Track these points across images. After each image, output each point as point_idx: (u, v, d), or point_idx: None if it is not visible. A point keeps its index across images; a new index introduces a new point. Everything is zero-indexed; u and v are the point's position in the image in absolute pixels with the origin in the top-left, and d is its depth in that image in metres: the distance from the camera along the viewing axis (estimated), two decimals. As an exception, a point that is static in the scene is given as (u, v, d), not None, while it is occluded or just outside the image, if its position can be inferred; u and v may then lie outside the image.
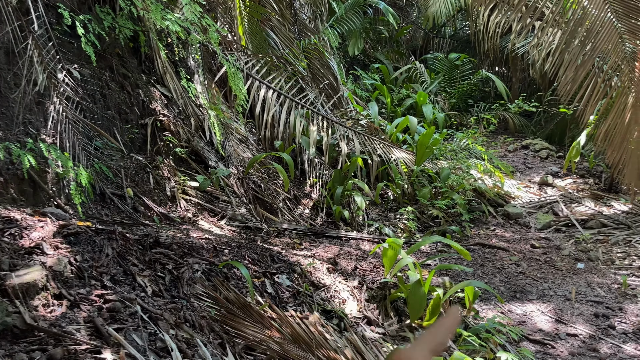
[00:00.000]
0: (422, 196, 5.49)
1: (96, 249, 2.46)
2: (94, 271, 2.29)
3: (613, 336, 3.46)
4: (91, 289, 2.18)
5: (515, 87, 10.58)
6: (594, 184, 6.99)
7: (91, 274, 2.27)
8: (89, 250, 2.43)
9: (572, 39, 5.41)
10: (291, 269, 3.42)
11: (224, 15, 6.51)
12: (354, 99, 8.10)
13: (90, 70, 3.98)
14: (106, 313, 2.05)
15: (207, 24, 4.64)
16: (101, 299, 2.13)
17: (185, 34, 4.77)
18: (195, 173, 4.44)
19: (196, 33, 5.13)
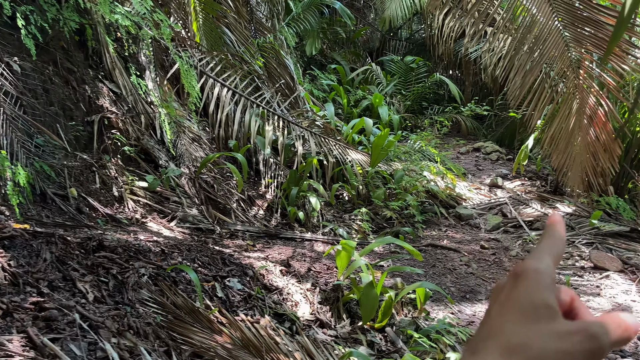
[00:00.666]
0: (376, 197, 5.53)
1: (33, 254, 2.33)
2: (29, 277, 2.17)
3: (556, 335, 3.57)
4: (26, 296, 2.06)
5: (468, 90, 10.84)
6: (541, 186, 7.24)
7: (27, 280, 2.14)
8: (25, 254, 2.30)
9: (521, 46, 5.58)
10: (243, 272, 3.36)
11: (177, 10, 6.35)
12: (311, 99, 8.09)
13: (32, 64, 3.79)
14: (42, 322, 1.94)
15: (159, 18, 4.51)
16: (37, 307, 2.01)
17: (136, 28, 4.62)
18: (144, 173, 4.30)
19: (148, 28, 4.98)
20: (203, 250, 3.40)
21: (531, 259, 0.45)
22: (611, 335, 0.41)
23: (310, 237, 4.79)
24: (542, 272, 0.44)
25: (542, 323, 0.41)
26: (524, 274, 0.44)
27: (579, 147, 5.47)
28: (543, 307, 0.42)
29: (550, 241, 0.47)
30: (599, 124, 5.40)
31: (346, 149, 6.29)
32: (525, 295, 0.43)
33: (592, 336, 0.40)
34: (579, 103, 5.42)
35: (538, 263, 0.45)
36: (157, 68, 5.84)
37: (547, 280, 0.43)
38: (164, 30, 4.55)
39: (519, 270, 0.44)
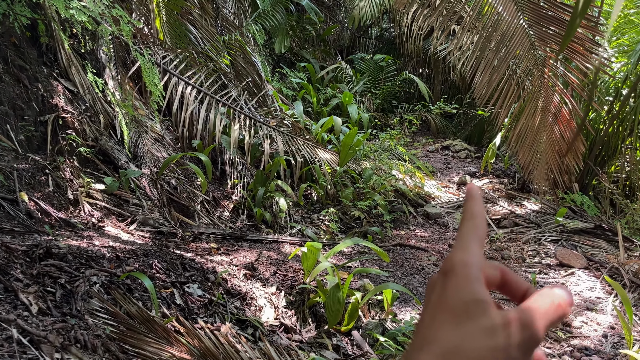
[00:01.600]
0: (344, 197, 5.47)
1: (-29, 264, 2.17)
2: (-35, 290, 2.02)
3: (523, 333, 3.57)
4: (-40, 311, 1.91)
5: (437, 88, 10.89)
6: (508, 184, 7.31)
7: (-38, 293, 1.99)
8: (-39, 265, 2.14)
9: (488, 44, 5.59)
10: (204, 277, 3.25)
11: (140, 6, 6.15)
12: (280, 97, 7.97)
13: (-21, 60, 3.59)
14: (-25, 339, 1.80)
15: (118, 14, 4.34)
16: (-29, 323, 1.87)
17: (94, 24, 4.44)
18: (103, 174, 4.14)
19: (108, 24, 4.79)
20: (162, 255, 3.27)
21: (457, 251, 0.44)
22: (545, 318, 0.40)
23: (277, 239, 4.69)
24: (469, 265, 0.42)
25: (474, 320, 0.39)
26: (452, 271, 0.42)
27: (544, 145, 5.51)
28: (473, 303, 0.40)
29: (471, 224, 0.45)
30: (563, 121, 5.46)
31: (315, 148, 6.21)
32: (455, 293, 0.41)
33: (525, 325, 0.39)
34: (544, 101, 5.46)
35: (465, 255, 0.43)
36: (119, 65, 5.65)
37: (476, 272, 0.42)
38: (123, 27, 4.38)
39: (448, 267, 0.43)
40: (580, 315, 3.84)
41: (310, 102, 9.19)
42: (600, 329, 3.66)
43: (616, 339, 3.50)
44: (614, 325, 3.69)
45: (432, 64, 10.77)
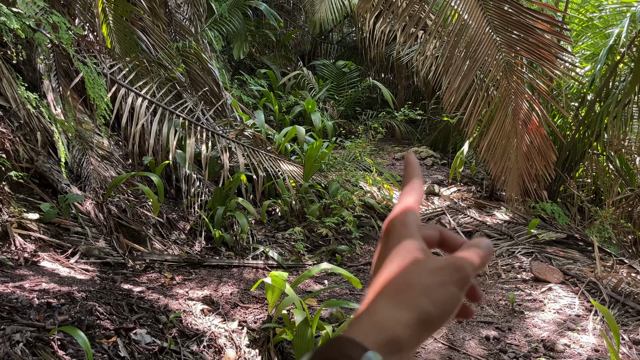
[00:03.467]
0: (310, 214, 5.15)
1: None
2: None
3: (505, 362, 3.34)
4: None
5: (401, 94, 10.73)
6: (477, 192, 7.16)
7: None
8: None
9: (454, 50, 5.39)
10: (154, 318, 2.87)
11: (83, 12, 5.68)
12: (240, 106, 7.60)
13: None
14: None
15: (56, 21, 3.90)
16: None
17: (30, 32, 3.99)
18: (39, 200, 3.68)
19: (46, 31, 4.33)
20: (105, 295, 2.87)
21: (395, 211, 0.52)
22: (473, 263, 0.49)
23: (239, 263, 4.33)
24: (407, 222, 0.51)
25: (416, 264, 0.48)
26: (392, 229, 0.51)
27: (515, 154, 5.36)
28: (415, 249, 0.49)
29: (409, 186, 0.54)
30: (532, 128, 5.32)
31: (278, 160, 5.87)
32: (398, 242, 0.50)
33: (458, 268, 0.48)
34: (513, 108, 5.31)
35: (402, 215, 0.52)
36: (60, 76, 5.18)
37: (413, 227, 0.51)
38: (62, 35, 3.94)
39: (388, 227, 0.52)
40: (562, 337, 3.65)
41: (272, 110, 8.85)
42: (584, 351, 3.47)
43: (602, 363, 3.31)
44: (597, 347, 3.50)
45: (396, 69, 10.60)
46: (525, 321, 3.88)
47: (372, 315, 0.45)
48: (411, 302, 0.45)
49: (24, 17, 3.72)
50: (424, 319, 0.45)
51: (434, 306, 0.45)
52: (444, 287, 0.46)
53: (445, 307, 0.46)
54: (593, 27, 6.53)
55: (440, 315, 0.46)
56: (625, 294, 4.09)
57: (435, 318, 0.45)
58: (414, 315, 0.45)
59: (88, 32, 5.76)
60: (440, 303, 0.46)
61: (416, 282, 0.46)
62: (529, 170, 5.41)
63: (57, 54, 5.23)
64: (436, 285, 0.46)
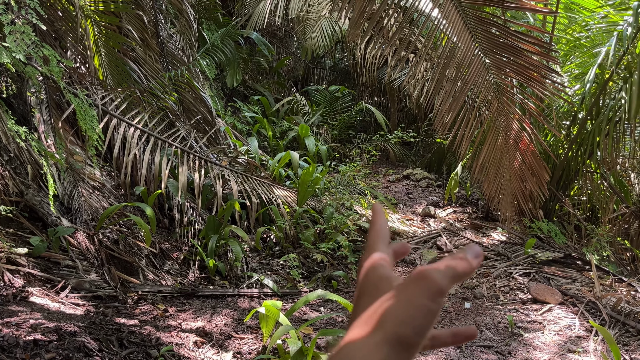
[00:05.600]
0: (305, 239, 5.11)
1: None
2: None
3: (506, 387, 3.27)
4: None
5: (394, 117, 10.80)
6: (472, 212, 7.13)
7: None
8: None
9: (445, 72, 5.44)
10: (145, 353, 2.80)
11: (75, 44, 5.72)
12: (233, 133, 7.61)
13: None
14: None
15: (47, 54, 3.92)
16: None
17: (21, 65, 4.01)
18: (29, 234, 3.64)
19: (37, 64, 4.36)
20: (95, 330, 2.80)
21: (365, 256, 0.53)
22: (443, 269, 0.46)
23: (233, 292, 4.26)
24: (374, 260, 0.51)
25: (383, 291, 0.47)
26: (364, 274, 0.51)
27: (508, 174, 5.35)
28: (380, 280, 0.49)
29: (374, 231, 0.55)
30: (524, 148, 5.32)
31: (271, 186, 5.85)
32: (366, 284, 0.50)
33: (422, 277, 0.45)
34: (504, 128, 5.33)
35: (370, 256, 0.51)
36: (52, 108, 5.18)
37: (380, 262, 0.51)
38: (52, 68, 3.96)
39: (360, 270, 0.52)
40: (563, 359, 3.58)
41: (266, 136, 8.87)
42: (586, 374, 3.40)
43: (605, 386, 3.24)
44: (599, 370, 3.44)
45: (388, 92, 10.69)
46: (526, 344, 3.82)
47: (339, 354, 0.43)
48: (378, 328, 0.43)
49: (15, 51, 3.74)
50: (396, 341, 0.42)
51: (402, 325, 0.43)
52: (410, 302, 0.44)
53: (416, 322, 0.43)
54: (581, 46, 6.61)
55: (413, 332, 0.43)
56: (625, 313, 4.03)
57: (408, 337, 0.42)
58: (384, 340, 0.42)
59: (80, 64, 5.80)
60: (410, 319, 0.43)
61: (380, 307, 0.44)
62: (522, 190, 5.40)
63: (49, 87, 5.24)
64: (401, 302, 0.44)
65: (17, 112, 4.93)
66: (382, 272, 0.50)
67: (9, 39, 3.61)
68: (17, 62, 3.82)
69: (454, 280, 0.46)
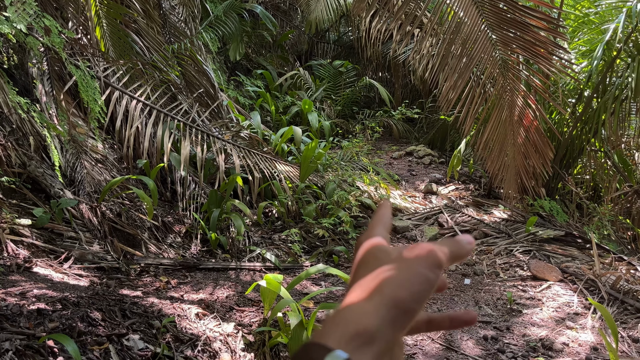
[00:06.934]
0: (307, 215, 5.12)
1: None
2: None
3: (503, 362, 3.31)
4: None
5: (398, 93, 10.70)
6: (475, 190, 7.13)
7: None
8: None
9: (450, 48, 5.37)
10: (148, 323, 2.84)
11: (76, 15, 5.65)
12: (236, 107, 7.56)
13: None
14: None
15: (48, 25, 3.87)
16: None
17: (22, 36, 3.97)
18: (32, 206, 3.66)
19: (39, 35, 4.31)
20: (98, 301, 2.84)
21: (363, 234, 0.55)
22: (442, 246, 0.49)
23: (235, 266, 4.30)
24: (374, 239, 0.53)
25: (382, 262, 0.48)
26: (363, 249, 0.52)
27: (512, 151, 5.33)
28: (379, 252, 0.51)
29: (377, 216, 0.56)
30: (528, 125, 5.29)
31: (274, 161, 5.84)
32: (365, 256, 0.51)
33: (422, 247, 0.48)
34: (509, 106, 5.28)
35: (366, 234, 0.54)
36: (53, 79, 5.15)
37: (380, 240, 0.52)
38: (54, 39, 3.92)
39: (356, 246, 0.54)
40: (560, 336, 3.62)
41: (269, 111, 8.82)
42: (583, 350, 3.44)
43: (601, 362, 3.28)
44: (596, 346, 3.48)
45: (392, 68, 10.57)
46: (524, 320, 3.85)
47: (336, 314, 0.45)
48: (376, 291, 0.45)
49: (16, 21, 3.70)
50: (393, 304, 0.44)
51: (403, 289, 0.45)
52: (409, 269, 0.46)
53: (414, 287, 0.45)
54: (589, 22, 6.50)
55: (410, 297, 0.44)
56: (624, 292, 4.06)
57: (405, 301, 0.44)
58: (381, 302, 0.44)
59: (81, 36, 5.73)
60: (408, 284, 0.45)
61: (381, 273, 0.46)
62: (526, 168, 5.38)
63: (50, 58, 5.20)
64: (401, 269, 0.46)
65: (18, 83, 4.91)
66: (382, 248, 0.51)
67: (10, 9, 3.57)
68: (19, 32, 3.78)
69: (450, 258, 0.48)
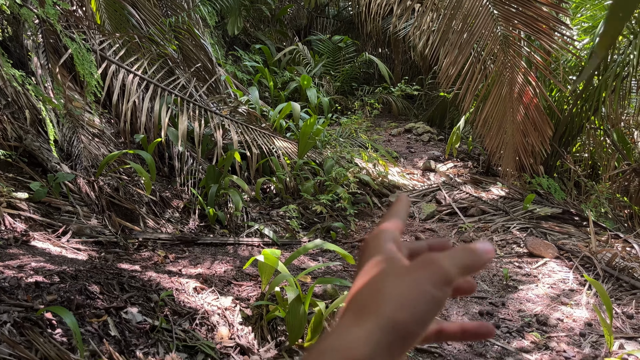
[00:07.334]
0: (305, 191, 5.12)
1: None
2: None
3: (498, 337, 3.35)
4: None
5: (397, 69, 10.60)
6: (473, 167, 7.12)
7: None
8: None
9: (451, 24, 5.29)
10: (146, 297, 2.85)
11: (71, -15, 5.54)
12: (234, 82, 7.49)
13: None
14: None
15: (41, -5, 3.81)
16: None
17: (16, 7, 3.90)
18: (29, 179, 3.64)
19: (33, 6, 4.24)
20: (96, 274, 2.85)
21: (374, 228, 0.50)
22: (453, 258, 0.43)
23: (233, 241, 4.31)
24: (384, 231, 0.49)
25: (384, 271, 0.43)
26: (370, 240, 0.49)
27: (511, 128, 5.30)
28: (385, 257, 0.45)
29: (392, 211, 0.53)
30: (528, 102, 5.25)
31: (272, 137, 5.81)
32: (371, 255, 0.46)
33: (430, 262, 0.43)
34: (509, 83, 5.23)
35: (376, 233, 0.49)
36: (49, 52, 5.07)
37: (389, 235, 0.48)
38: (48, 10, 3.85)
39: (367, 238, 0.50)
40: (555, 311, 3.66)
41: (267, 87, 8.74)
42: (577, 326, 3.48)
43: (594, 337, 3.32)
44: (590, 322, 3.52)
45: (392, 44, 10.46)
46: (519, 296, 3.89)
47: (324, 341, 0.40)
48: (373, 312, 0.40)
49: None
50: (391, 328, 0.39)
51: (403, 310, 0.40)
52: (414, 287, 0.41)
53: (417, 308, 0.40)
54: (592, -2, 6.40)
55: (412, 320, 0.40)
56: (620, 269, 4.09)
57: (405, 324, 0.39)
58: (377, 326, 0.39)
59: (76, 7, 5.63)
60: (410, 304, 0.40)
61: (380, 289, 0.41)
62: (524, 145, 5.37)
63: (45, 30, 5.11)
64: (404, 286, 0.41)
65: (13, 55, 4.84)
66: (392, 235, 0.48)
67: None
68: (13, 3, 3.71)
69: (462, 271, 0.43)
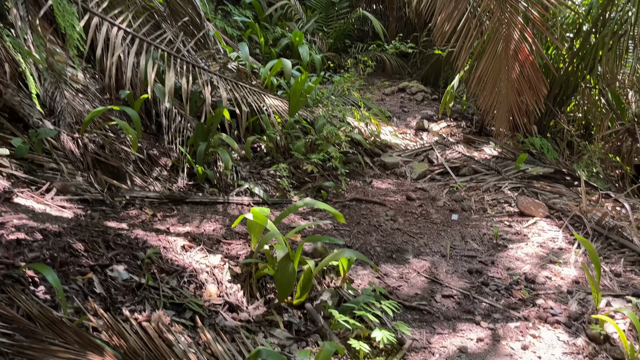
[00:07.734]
0: (296, 150, 5.04)
1: None
2: None
3: (487, 294, 3.37)
4: None
5: (392, 26, 10.34)
6: (466, 127, 7.05)
7: None
8: None
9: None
10: (132, 254, 2.82)
11: None
12: (223, 38, 7.27)
13: None
14: None
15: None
16: None
17: (-10, -47, 3.69)
18: (10, 135, 3.54)
19: (9, -47, 4.03)
20: (81, 232, 2.80)
21: None
22: None
23: (223, 200, 4.26)
24: None
25: None
26: None
27: (505, 88, 5.21)
28: None
29: None
30: (523, 59, 5.14)
31: (262, 95, 5.68)
32: None
33: None
34: (505, 39, 5.11)
35: None
36: (29, 3, 4.85)
37: None
38: (24, -44, 3.64)
39: None
40: (544, 270, 3.68)
41: (258, 43, 8.51)
42: (565, 283, 3.50)
43: (582, 294, 3.34)
44: (578, 280, 3.54)
45: None
46: (509, 255, 3.90)
47: None
48: None
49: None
50: None
51: None
52: None
53: None
54: (594, -48, 6.19)
55: None
56: (609, 228, 4.10)
57: None
58: None
59: (56, -44, 5.36)
60: None
61: None
62: (519, 105, 5.29)
63: (23, -20, 4.88)
64: None
65: (-10, 6, 4.62)
66: None
67: None
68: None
69: None
